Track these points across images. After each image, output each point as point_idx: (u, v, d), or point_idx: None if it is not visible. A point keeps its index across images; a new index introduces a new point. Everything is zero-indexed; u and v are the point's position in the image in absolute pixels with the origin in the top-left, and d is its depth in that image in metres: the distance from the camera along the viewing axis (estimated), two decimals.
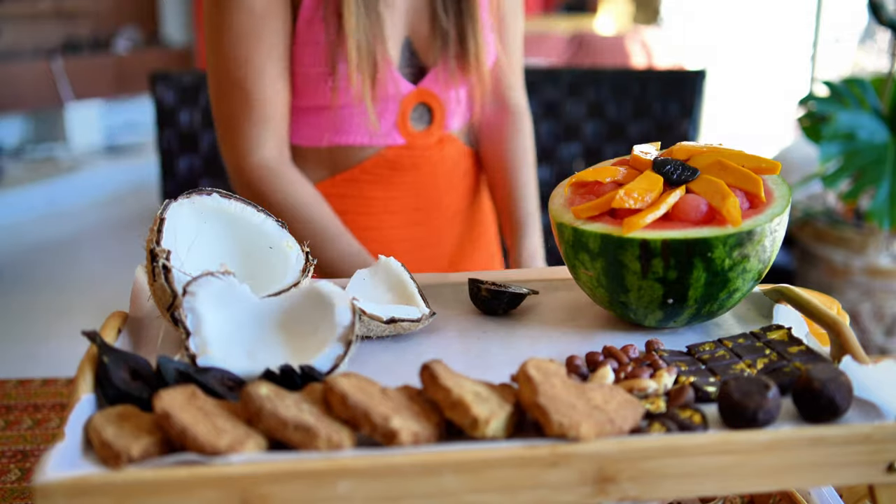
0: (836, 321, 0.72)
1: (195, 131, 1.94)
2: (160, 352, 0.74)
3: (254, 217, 0.82)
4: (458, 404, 0.58)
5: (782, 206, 0.76)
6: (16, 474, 0.94)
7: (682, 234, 0.73)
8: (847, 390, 0.61)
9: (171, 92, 1.93)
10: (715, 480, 0.58)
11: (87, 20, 5.75)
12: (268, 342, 0.70)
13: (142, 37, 6.00)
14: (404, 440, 0.56)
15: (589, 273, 0.78)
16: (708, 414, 0.62)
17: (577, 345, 0.77)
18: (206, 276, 0.70)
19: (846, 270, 2.74)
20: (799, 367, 0.68)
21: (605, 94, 2.04)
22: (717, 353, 0.72)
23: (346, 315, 0.69)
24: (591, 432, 0.57)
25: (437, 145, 1.29)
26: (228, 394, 0.62)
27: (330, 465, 0.54)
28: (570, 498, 0.57)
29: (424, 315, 0.79)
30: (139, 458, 0.55)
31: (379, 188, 1.28)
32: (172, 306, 0.71)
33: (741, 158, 0.80)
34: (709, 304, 0.77)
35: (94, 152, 5.74)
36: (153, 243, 0.73)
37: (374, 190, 1.28)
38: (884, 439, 0.59)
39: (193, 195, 0.80)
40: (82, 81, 5.40)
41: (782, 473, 0.59)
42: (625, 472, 0.57)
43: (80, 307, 3.67)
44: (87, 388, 0.62)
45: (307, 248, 0.82)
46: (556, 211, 0.82)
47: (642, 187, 0.77)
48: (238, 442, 0.55)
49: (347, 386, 0.59)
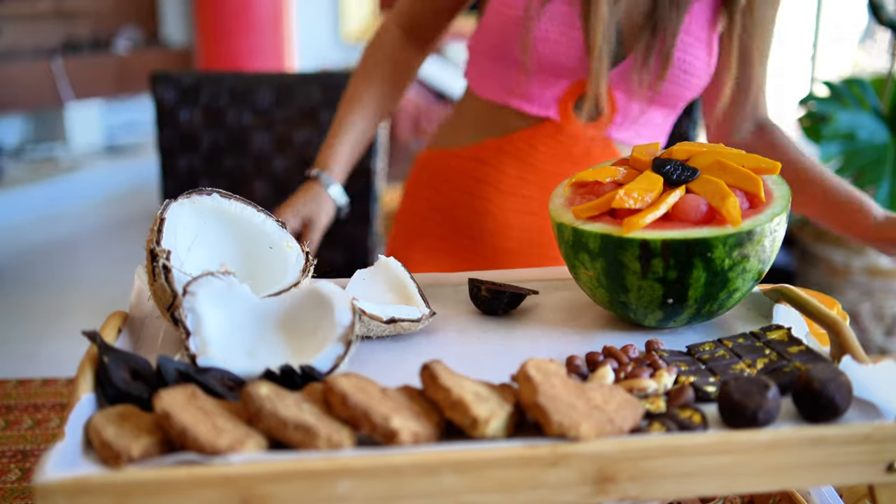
0: (835, 321, 0.72)
1: (195, 131, 1.94)
2: (160, 352, 0.74)
3: (254, 217, 0.82)
4: (458, 404, 0.58)
5: (782, 205, 0.76)
6: (16, 474, 0.94)
7: (682, 234, 0.73)
8: (847, 390, 0.61)
9: (171, 92, 1.93)
10: (715, 480, 0.58)
11: (87, 20, 5.75)
12: (268, 342, 0.70)
13: (142, 37, 6.00)
14: (404, 440, 0.56)
15: (589, 273, 0.78)
16: (708, 414, 0.62)
17: (577, 345, 0.77)
18: (206, 276, 0.70)
19: (846, 270, 2.74)
20: (799, 367, 0.68)
21: None
22: (717, 353, 0.72)
23: (346, 315, 0.69)
24: (591, 432, 0.57)
25: (588, 142, 1.23)
26: (228, 394, 0.62)
27: (330, 465, 0.54)
28: (570, 498, 0.57)
29: (424, 315, 0.79)
30: (139, 458, 0.55)
31: (515, 165, 1.26)
32: (172, 306, 0.71)
33: (741, 158, 0.80)
34: (709, 304, 0.77)
35: (94, 152, 5.73)
36: (153, 243, 0.73)
37: (509, 164, 1.26)
38: (883, 439, 0.59)
39: (194, 195, 0.80)
40: (82, 81, 5.39)
41: (782, 473, 0.59)
42: (625, 471, 0.57)
43: (80, 307, 3.67)
44: (88, 388, 0.62)
45: (307, 249, 0.82)
46: (556, 211, 0.82)
47: (642, 187, 0.77)
48: (238, 442, 0.55)
49: (347, 386, 0.59)
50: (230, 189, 2.17)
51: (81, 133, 5.70)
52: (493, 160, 1.27)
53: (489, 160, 1.28)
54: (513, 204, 1.28)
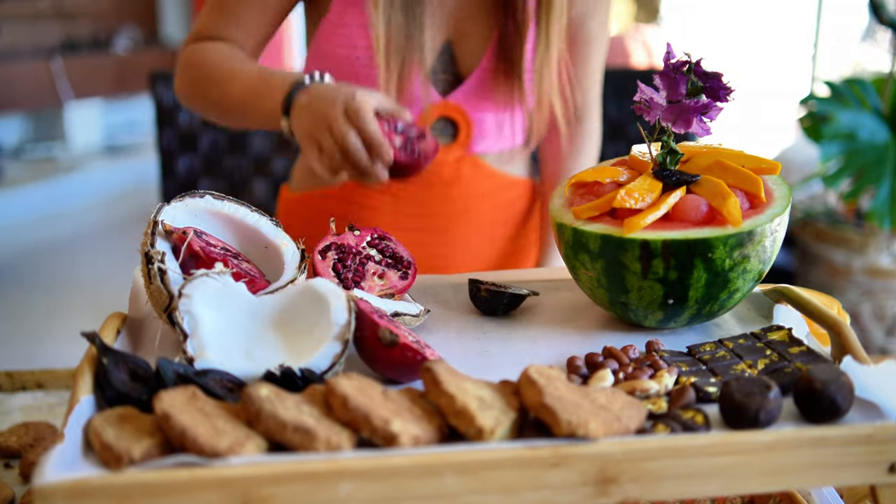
0: (836, 321, 0.72)
1: (195, 131, 1.94)
2: (158, 352, 0.74)
3: (248, 217, 0.82)
4: (463, 413, 0.57)
5: (782, 206, 0.76)
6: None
7: (682, 235, 0.73)
8: (848, 391, 0.61)
9: (170, 92, 1.93)
10: (716, 481, 0.58)
11: (86, 20, 5.74)
12: (265, 341, 0.70)
13: (142, 36, 6.00)
14: (404, 444, 0.56)
15: (589, 274, 0.78)
16: (709, 415, 0.62)
17: (577, 345, 0.77)
18: (201, 277, 0.69)
19: (846, 270, 2.74)
20: (800, 367, 0.67)
21: (605, 94, 2.03)
22: (718, 354, 0.72)
23: (342, 313, 0.69)
24: (600, 430, 0.57)
25: (454, 164, 1.21)
26: (228, 395, 0.62)
27: (331, 467, 0.54)
28: (572, 499, 0.56)
29: (421, 311, 0.80)
30: (140, 460, 0.55)
31: (386, 199, 1.21)
32: (169, 308, 0.70)
33: (741, 159, 0.80)
34: (709, 305, 0.77)
35: (94, 152, 5.73)
36: (147, 246, 0.73)
37: (381, 200, 1.21)
38: (885, 440, 0.59)
39: (186, 198, 0.80)
40: (82, 81, 5.39)
41: (784, 474, 0.59)
42: (626, 472, 0.57)
43: (80, 307, 3.66)
44: (87, 390, 0.61)
45: (302, 246, 0.82)
46: (556, 211, 0.82)
47: (643, 187, 0.76)
48: (238, 444, 0.55)
49: (349, 388, 0.58)
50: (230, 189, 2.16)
51: (81, 133, 5.70)
52: (364, 200, 1.22)
53: (358, 200, 1.22)
54: (401, 240, 1.23)
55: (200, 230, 0.79)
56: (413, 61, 1.13)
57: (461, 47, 1.17)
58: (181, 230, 0.76)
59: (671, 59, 0.79)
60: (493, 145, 1.23)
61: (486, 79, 1.18)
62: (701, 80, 0.78)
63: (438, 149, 0.99)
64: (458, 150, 1.21)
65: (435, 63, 1.17)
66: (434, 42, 1.15)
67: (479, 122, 1.20)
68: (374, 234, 0.85)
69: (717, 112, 0.79)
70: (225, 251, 0.79)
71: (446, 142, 1.20)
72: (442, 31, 1.16)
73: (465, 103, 1.19)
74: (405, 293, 0.84)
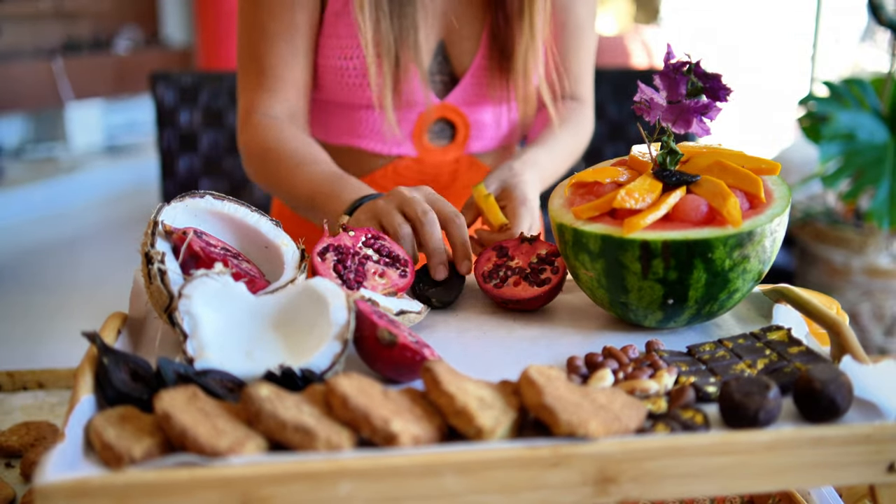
0: (835, 321, 0.72)
1: (195, 131, 1.94)
2: (158, 352, 0.74)
3: (248, 217, 0.82)
4: (462, 413, 0.57)
5: (782, 206, 0.76)
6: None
7: (682, 235, 0.73)
8: (847, 390, 0.61)
9: (171, 92, 1.93)
10: (716, 481, 0.58)
11: (87, 20, 5.75)
12: (265, 341, 0.70)
13: (142, 37, 6.01)
14: (404, 443, 0.56)
15: (589, 274, 0.78)
16: (708, 414, 0.62)
17: (576, 345, 0.77)
18: (201, 277, 0.70)
19: (846, 270, 2.74)
20: (799, 367, 0.68)
21: (605, 94, 2.04)
22: (718, 354, 0.72)
23: (342, 313, 0.69)
24: (601, 429, 0.57)
25: (452, 164, 1.22)
26: (228, 395, 0.62)
27: (331, 467, 0.54)
28: (572, 499, 0.57)
29: (423, 307, 0.81)
30: (141, 460, 0.55)
31: None
32: (169, 308, 0.71)
33: (741, 159, 0.80)
34: (709, 305, 0.77)
35: (94, 152, 5.74)
36: (147, 246, 0.73)
37: None
38: (884, 439, 0.59)
39: (187, 198, 0.80)
40: (82, 81, 5.40)
41: (783, 473, 0.59)
42: (626, 472, 0.57)
43: (80, 307, 3.66)
44: (87, 390, 0.62)
45: (302, 246, 0.82)
46: (556, 211, 0.82)
47: (643, 188, 0.77)
48: (238, 443, 0.55)
49: (349, 387, 0.59)
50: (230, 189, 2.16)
51: (81, 133, 5.70)
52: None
53: None
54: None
55: (200, 230, 0.79)
56: (409, 63, 1.13)
57: (455, 46, 1.18)
58: (181, 230, 0.76)
59: (671, 59, 0.79)
60: (489, 143, 1.24)
61: (482, 76, 1.19)
62: (701, 80, 0.78)
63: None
64: (455, 151, 1.22)
65: (431, 65, 1.17)
66: (428, 43, 1.16)
67: (476, 121, 1.21)
68: (367, 235, 0.85)
69: (717, 112, 0.79)
70: (225, 251, 0.79)
71: (444, 143, 1.22)
72: (435, 30, 1.16)
73: (463, 104, 1.19)
74: (405, 291, 0.85)
